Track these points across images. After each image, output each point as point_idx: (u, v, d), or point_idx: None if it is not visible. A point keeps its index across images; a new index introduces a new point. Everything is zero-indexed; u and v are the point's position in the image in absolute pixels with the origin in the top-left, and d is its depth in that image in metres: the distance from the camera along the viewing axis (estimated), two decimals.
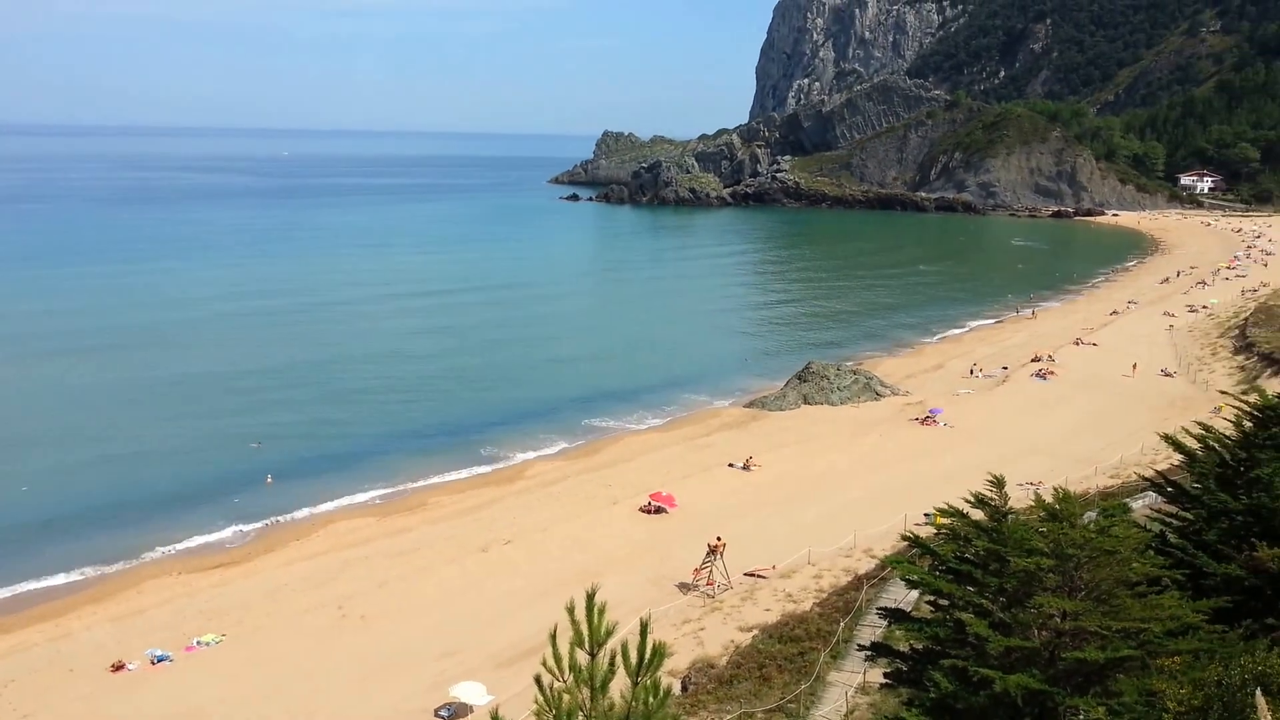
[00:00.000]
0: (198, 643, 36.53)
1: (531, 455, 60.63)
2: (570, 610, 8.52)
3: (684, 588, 39.52)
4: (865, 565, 39.19)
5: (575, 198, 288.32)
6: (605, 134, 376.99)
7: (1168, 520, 21.25)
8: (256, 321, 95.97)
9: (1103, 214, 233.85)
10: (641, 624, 8.77)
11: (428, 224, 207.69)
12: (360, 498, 53.19)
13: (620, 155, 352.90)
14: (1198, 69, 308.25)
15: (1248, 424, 21.29)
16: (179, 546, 46.50)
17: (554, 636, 8.58)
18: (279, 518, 50.12)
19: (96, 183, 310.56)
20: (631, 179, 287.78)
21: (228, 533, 48.22)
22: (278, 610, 39.15)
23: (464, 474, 57.14)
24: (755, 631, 33.62)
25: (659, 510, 48.35)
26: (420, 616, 38.24)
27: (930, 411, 65.80)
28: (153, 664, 35.27)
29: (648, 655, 8.35)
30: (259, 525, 49.17)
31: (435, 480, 56.04)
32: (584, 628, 8.29)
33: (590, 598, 8.47)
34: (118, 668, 34.91)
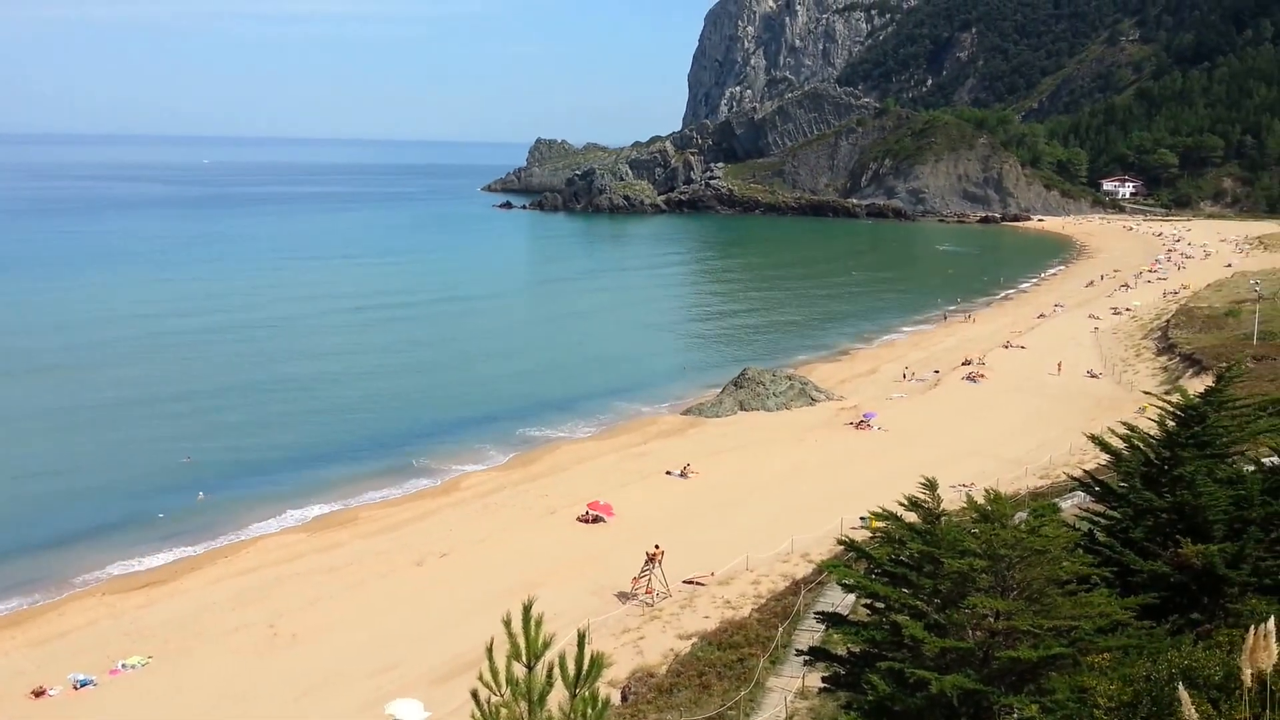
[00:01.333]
0: (123, 665, 35.50)
1: (467, 467, 60.11)
2: (507, 623, 8.44)
3: (623, 597, 39.48)
4: (803, 570, 39.52)
5: (509, 205, 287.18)
6: (538, 141, 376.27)
7: (1096, 519, 21.76)
8: (181, 338, 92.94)
9: (1029, 219, 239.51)
10: (579, 635, 8.72)
11: (357, 233, 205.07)
12: (292, 514, 52.20)
13: (553, 162, 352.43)
14: (1118, 77, 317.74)
15: (1170, 423, 21.90)
16: (104, 568, 45.16)
17: (490, 650, 8.49)
18: (208, 535, 49.00)
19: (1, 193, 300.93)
20: (565, 186, 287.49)
21: (154, 551, 46.97)
22: (206, 630, 38.25)
23: (398, 488, 56.43)
24: (694, 639, 33.70)
25: (597, 519, 48.26)
26: (354, 633, 37.64)
27: (864, 416, 66.69)
28: (75, 689, 34.18)
29: (586, 666, 8.30)
30: (187, 543, 47.99)
31: (368, 495, 55.25)
32: (520, 640, 8.21)
33: (527, 610, 8.41)
34: (38, 694, 33.77)
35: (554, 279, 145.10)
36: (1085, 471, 26.99)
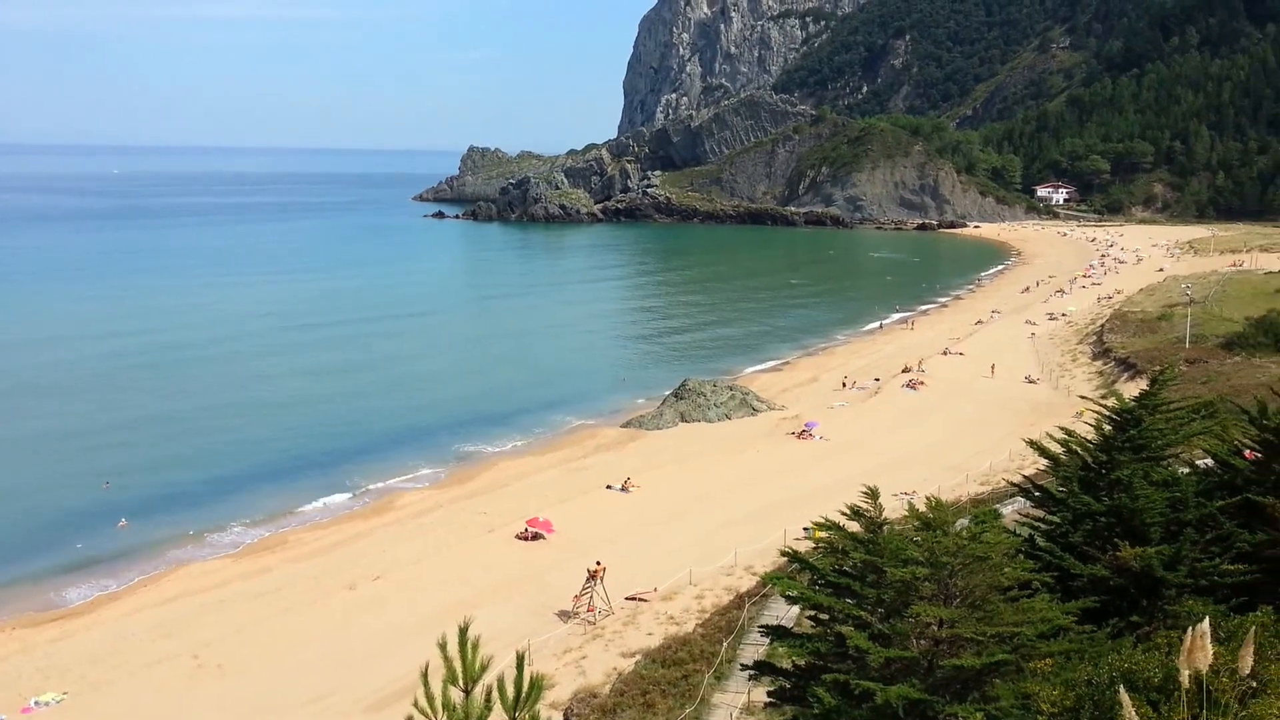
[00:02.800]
0: (36, 703, 34.37)
1: (401, 486, 59.40)
2: (442, 646, 8.33)
3: (564, 615, 39.27)
4: (747, 583, 39.68)
5: (441, 215, 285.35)
6: (471, 149, 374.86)
7: (1036, 524, 22.19)
8: (98, 361, 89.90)
9: (965, 226, 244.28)
10: (518, 656, 8.65)
11: (282, 245, 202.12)
12: (217, 539, 51.10)
13: (487, 171, 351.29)
14: (1049, 84, 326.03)
15: (1107, 427, 22.43)
16: (16, 600, 43.73)
17: (425, 675, 8.38)
18: (128, 564, 47.73)
19: None
20: (499, 195, 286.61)
21: (71, 582, 45.60)
22: (126, 663, 37.20)
23: (329, 510, 55.56)
24: (638, 657, 33.63)
25: (536, 537, 47.97)
26: (283, 661, 36.90)
27: (806, 425, 67.29)
28: None
29: (525, 688, 8.22)
30: (106, 573, 46.68)
31: (298, 518, 54.33)
32: (457, 664, 8.11)
33: (463, 632, 8.31)
34: None
35: (489, 291, 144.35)
36: (1025, 477, 27.51)
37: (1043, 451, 23.61)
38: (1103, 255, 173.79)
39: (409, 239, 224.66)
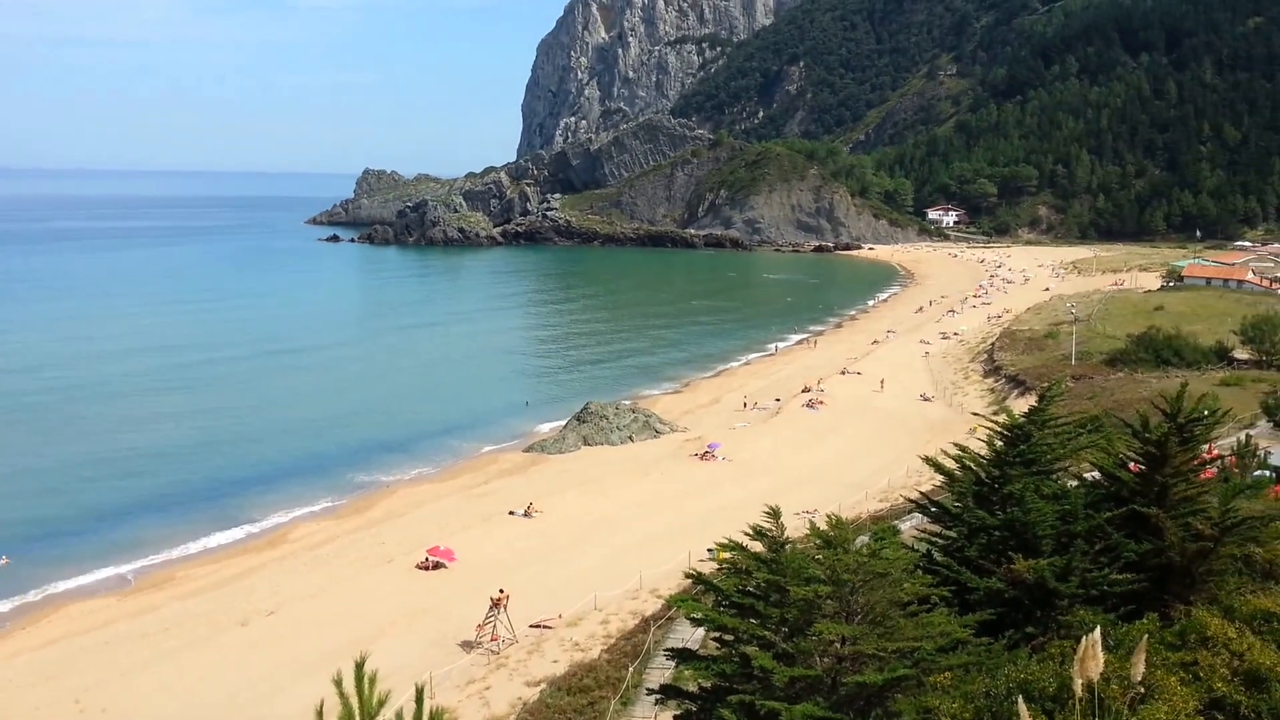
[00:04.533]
0: None
1: (295, 516, 57.84)
2: (338, 683, 8.10)
3: (467, 646, 38.65)
4: (652, 606, 39.65)
5: (336, 239, 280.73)
6: (366, 172, 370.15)
7: (933, 539, 22.64)
8: None
9: (860, 248, 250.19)
10: (418, 690, 8.45)
11: (170, 272, 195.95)
12: (99, 575, 48.97)
13: (383, 194, 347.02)
14: (938, 110, 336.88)
15: (999, 443, 23.06)
16: None
17: (320, 713, 8.13)
18: (5, 603, 45.40)
19: None
20: (396, 219, 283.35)
21: None
22: (3, 710, 35.28)
23: (219, 542, 53.78)
24: (543, 685, 33.28)
25: (437, 566, 47.19)
26: (171, 704, 35.46)
27: (709, 446, 67.77)
28: None
29: None
30: None
31: (186, 551, 52.44)
32: (353, 700, 7.89)
33: (359, 667, 8.09)
34: None
35: (386, 315, 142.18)
36: (921, 493, 28.11)
37: (938, 468, 24.15)
38: (992, 276, 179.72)
39: (303, 263, 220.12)
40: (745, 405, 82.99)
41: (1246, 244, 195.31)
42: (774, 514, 17.57)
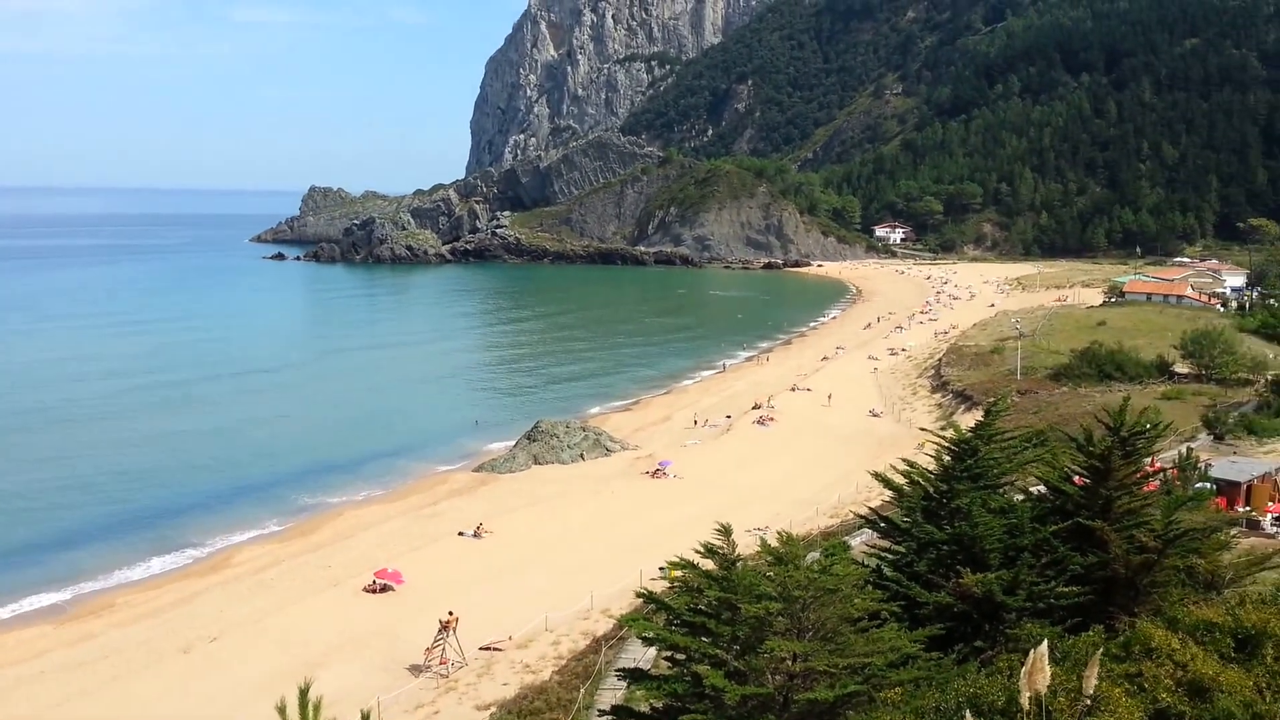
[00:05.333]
0: None
1: (239, 539, 56.86)
2: (281, 709, 7.94)
3: (416, 670, 38.18)
4: (603, 626, 39.48)
5: (281, 257, 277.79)
6: (313, 189, 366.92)
7: (883, 555, 22.83)
8: None
9: (809, 265, 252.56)
10: (363, 715, 8.33)
11: (110, 292, 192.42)
12: (34, 603, 47.71)
13: (330, 211, 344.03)
14: (885, 128, 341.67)
15: (946, 458, 23.33)
16: None
17: None
18: None
19: None
20: (343, 236, 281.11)
21: None
22: None
23: (160, 567, 52.71)
24: (493, 709, 32.97)
25: (385, 589, 46.61)
26: None
27: (660, 464, 67.81)
28: None
29: None
30: None
31: (126, 577, 51.31)
32: None
33: (304, 693, 7.95)
34: None
35: (333, 335, 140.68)
36: (871, 509, 28.33)
37: (887, 483, 24.36)
38: (938, 292, 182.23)
39: (248, 282, 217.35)
40: (696, 422, 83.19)
41: (1185, 260, 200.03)
42: (725, 531, 17.60)
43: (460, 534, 54.88)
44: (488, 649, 39.46)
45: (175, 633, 42.92)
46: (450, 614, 39.63)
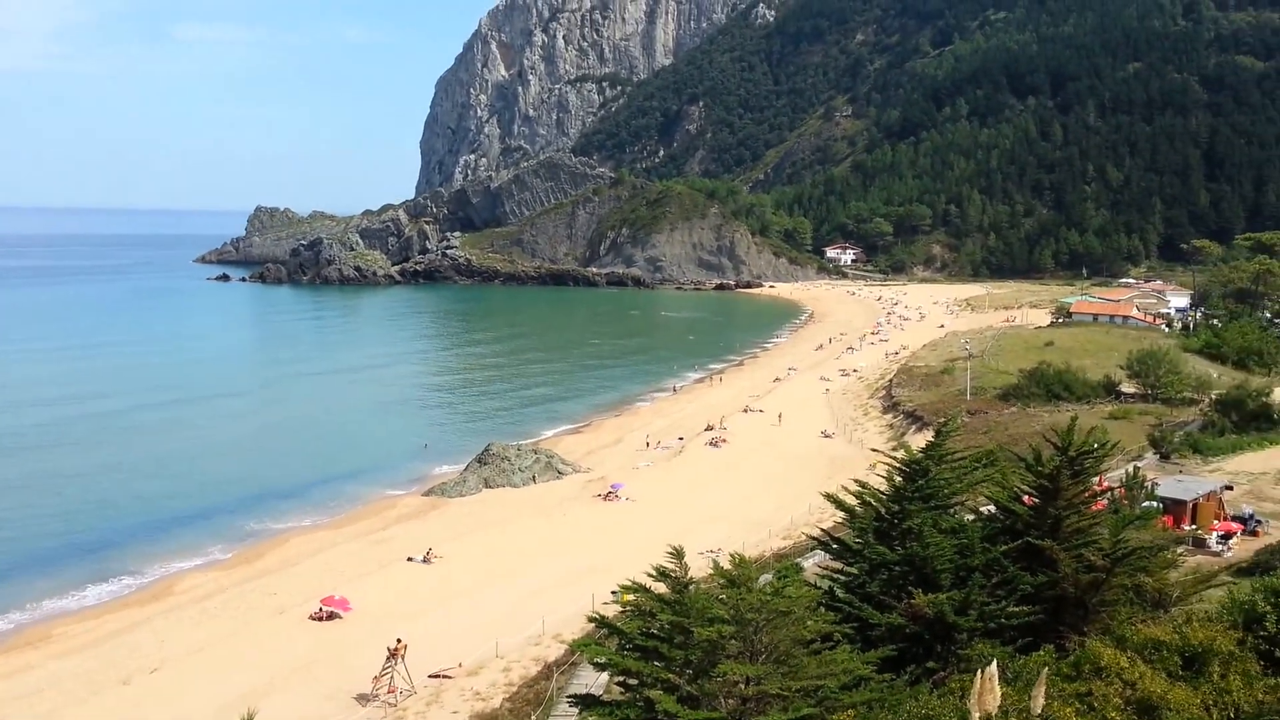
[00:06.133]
0: None
1: (181, 567, 55.78)
2: None
3: (363, 699, 37.62)
4: (555, 652, 39.21)
5: (226, 278, 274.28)
6: (259, 209, 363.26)
7: (835, 576, 22.94)
8: None
9: (761, 286, 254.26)
10: None
11: (46, 314, 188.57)
12: None
13: (276, 232, 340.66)
14: (835, 150, 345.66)
15: (898, 479, 23.56)
16: None
17: None
18: None
19: None
20: (290, 257, 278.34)
21: None
22: None
23: (99, 596, 51.53)
24: None
25: (332, 616, 45.95)
26: None
27: (612, 487, 67.66)
28: None
29: None
30: None
31: (64, 607, 50.11)
32: None
33: None
34: None
35: (279, 357, 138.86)
36: (823, 530, 28.48)
37: (839, 504, 24.51)
38: (889, 313, 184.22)
39: (191, 303, 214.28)
40: (648, 444, 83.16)
41: (1130, 281, 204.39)
42: (678, 554, 17.59)
43: (409, 559, 54.31)
44: (437, 677, 39.01)
45: (115, 664, 41.96)
46: (399, 641, 39.14)
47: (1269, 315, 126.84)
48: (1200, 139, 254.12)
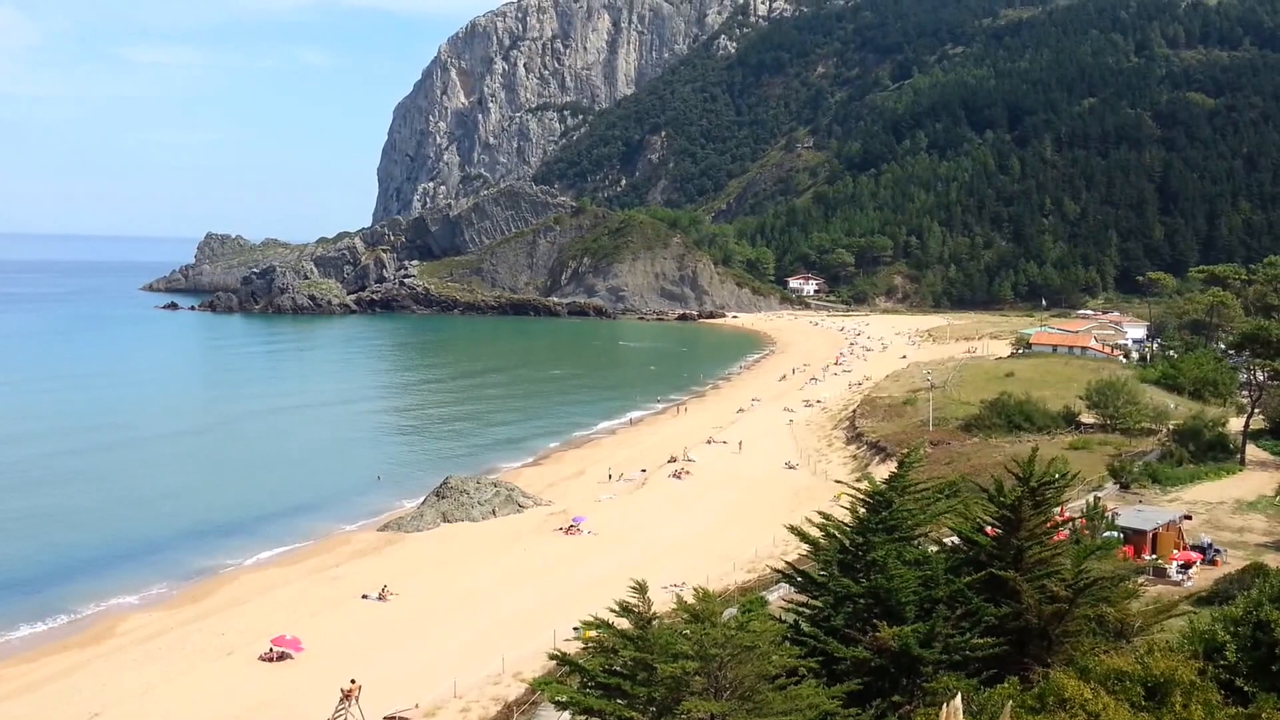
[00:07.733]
0: None
1: (124, 605, 54.65)
2: None
3: None
4: (515, 690, 38.81)
5: (174, 306, 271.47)
6: (209, 236, 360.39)
7: (800, 609, 22.94)
8: None
9: (724, 316, 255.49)
10: None
11: None
12: None
13: (227, 259, 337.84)
14: (797, 181, 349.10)
15: (862, 510, 23.66)
16: None
17: None
18: None
19: None
20: (242, 285, 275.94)
21: None
22: None
23: (35, 638, 50.36)
24: None
25: (283, 656, 45.18)
26: None
27: (574, 520, 67.35)
28: None
29: None
30: None
31: None
32: None
33: None
34: None
35: (228, 389, 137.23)
36: (787, 563, 28.50)
37: (803, 537, 24.57)
38: (851, 344, 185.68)
39: (136, 332, 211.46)
40: (610, 476, 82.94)
41: (1089, 312, 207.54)
42: (641, 589, 17.52)
43: (364, 597, 53.62)
44: (393, 719, 38.45)
45: (53, 710, 40.95)
46: (353, 682, 38.58)
47: (1223, 346, 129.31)
48: (1154, 173, 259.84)
